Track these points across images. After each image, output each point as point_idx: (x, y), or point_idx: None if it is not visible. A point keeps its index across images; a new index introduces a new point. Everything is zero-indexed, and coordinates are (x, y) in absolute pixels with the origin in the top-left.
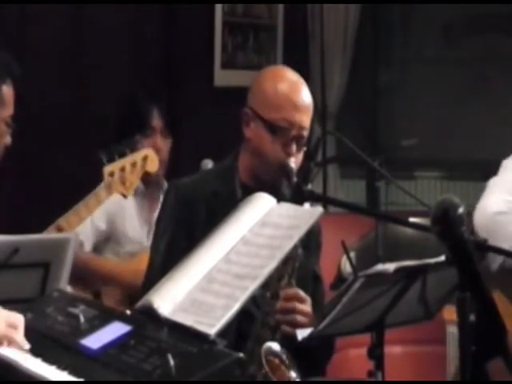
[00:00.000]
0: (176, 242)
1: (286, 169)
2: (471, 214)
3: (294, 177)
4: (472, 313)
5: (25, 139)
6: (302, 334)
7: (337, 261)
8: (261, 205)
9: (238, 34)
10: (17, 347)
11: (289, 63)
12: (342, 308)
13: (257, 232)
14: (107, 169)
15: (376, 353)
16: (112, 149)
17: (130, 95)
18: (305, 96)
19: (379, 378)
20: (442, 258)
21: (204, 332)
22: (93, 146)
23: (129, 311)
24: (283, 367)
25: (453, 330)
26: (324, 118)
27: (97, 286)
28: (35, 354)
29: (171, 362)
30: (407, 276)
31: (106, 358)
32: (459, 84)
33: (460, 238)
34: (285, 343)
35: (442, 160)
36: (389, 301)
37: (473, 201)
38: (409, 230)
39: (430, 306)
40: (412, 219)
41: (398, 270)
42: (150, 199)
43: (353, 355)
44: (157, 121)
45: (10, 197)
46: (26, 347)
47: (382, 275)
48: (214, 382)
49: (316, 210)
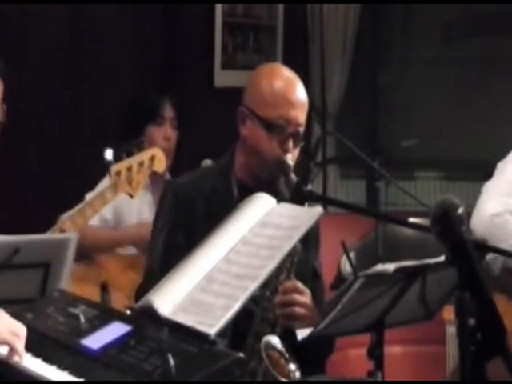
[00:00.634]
0: (174, 239)
1: (283, 166)
2: (471, 214)
3: (292, 174)
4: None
5: (25, 139)
6: (302, 334)
7: (337, 261)
8: (261, 205)
9: (238, 34)
10: (16, 356)
11: (289, 63)
12: (341, 308)
13: (257, 232)
14: (114, 168)
15: (376, 353)
16: (120, 148)
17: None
18: (300, 92)
19: (379, 378)
20: (442, 258)
21: (204, 332)
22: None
23: (129, 311)
24: (282, 360)
25: (452, 330)
26: (324, 118)
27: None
28: (35, 354)
29: (171, 361)
30: (407, 276)
31: (107, 358)
32: (459, 84)
33: (460, 238)
34: (284, 338)
35: (442, 160)
36: (389, 301)
37: (472, 201)
38: (408, 231)
39: (430, 306)
40: (412, 219)
41: (397, 270)
42: (154, 193)
43: (353, 355)
44: (168, 111)
45: (11, 197)
46: (25, 359)
47: (381, 275)
48: (214, 381)
49: (316, 211)
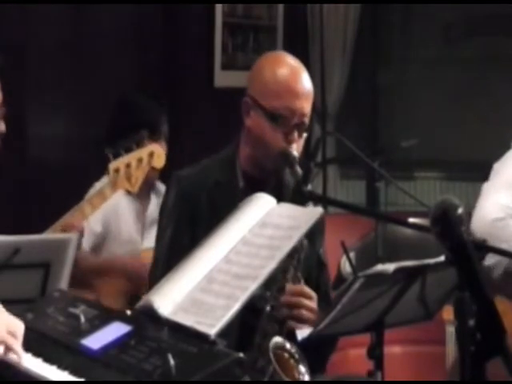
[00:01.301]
0: (179, 234)
1: (288, 157)
2: (471, 214)
3: (297, 166)
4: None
5: (25, 139)
6: (302, 334)
7: (337, 261)
8: (261, 205)
9: (238, 34)
10: (13, 356)
11: None
12: (341, 308)
13: (257, 232)
14: (113, 165)
15: (376, 353)
16: (118, 144)
17: (136, 99)
18: (305, 82)
19: (379, 378)
20: (442, 258)
21: (204, 332)
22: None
23: (129, 311)
24: (292, 361)
25: (452, 330)
26: (324, 118)
27: (94, 280)
28: (36, 354)
29: (171, 361)
30: (407, 276)
31: (107, 358)
32: (459, 84)
33: (459, 238)
34: (288, 338)
35: (442, 160)
36: (388, 301)
37: (472, 201)
38: (408, 231)
39: (430, 306)
40: (411, 220)
41: (397, 271)
42: (142, 199)
43: (353, 355)
44: (165, 126)
45: (11, 197)
46: (22, 359)
47: (381, 275)
48: (214, 381)
49: (316, 211)
